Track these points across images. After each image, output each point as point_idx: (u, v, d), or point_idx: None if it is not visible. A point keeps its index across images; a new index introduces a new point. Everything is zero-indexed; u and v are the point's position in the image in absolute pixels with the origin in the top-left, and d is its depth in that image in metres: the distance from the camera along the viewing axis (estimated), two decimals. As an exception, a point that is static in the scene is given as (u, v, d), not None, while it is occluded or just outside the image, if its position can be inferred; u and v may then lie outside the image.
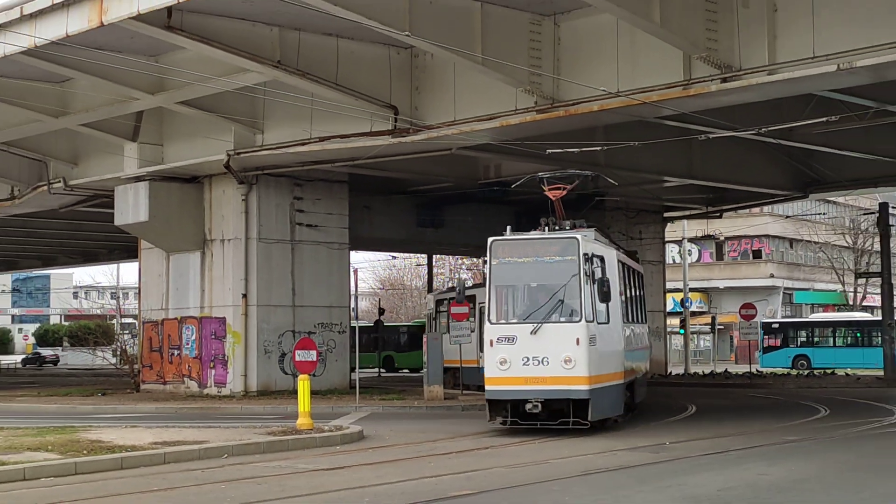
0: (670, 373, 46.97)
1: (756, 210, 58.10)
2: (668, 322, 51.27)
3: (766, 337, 57.35)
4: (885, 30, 17.82)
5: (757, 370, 51.29)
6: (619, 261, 21.31)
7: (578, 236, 18.90)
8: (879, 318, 44.61)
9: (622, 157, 29.64)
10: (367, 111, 24.34)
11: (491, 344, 18.69)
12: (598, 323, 18.74)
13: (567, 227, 20.63)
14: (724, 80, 19.73)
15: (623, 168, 31.69)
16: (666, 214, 45.77)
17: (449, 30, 20.94)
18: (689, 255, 63.57)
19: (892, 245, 45.73)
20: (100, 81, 26.41)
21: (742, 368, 53.89)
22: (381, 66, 24.15)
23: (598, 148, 27.32)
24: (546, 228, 20.62)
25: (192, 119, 28.24)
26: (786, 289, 72.92)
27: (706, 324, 63.60)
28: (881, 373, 41.52)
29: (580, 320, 18.09)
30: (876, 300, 55.29)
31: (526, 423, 18.85)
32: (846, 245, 68.93)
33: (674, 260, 58.03)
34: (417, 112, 24.43)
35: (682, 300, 55.45)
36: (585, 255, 18.38)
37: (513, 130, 23.53)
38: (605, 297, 18.36)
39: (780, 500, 11.92)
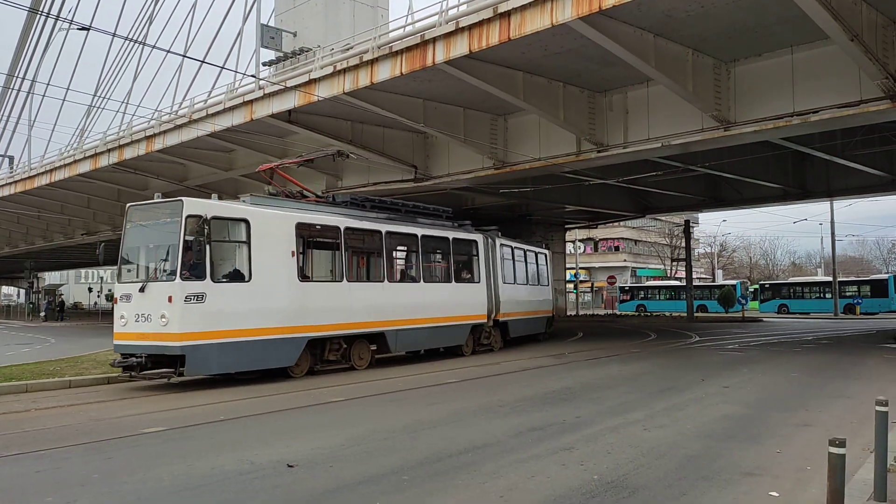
0: (570, 314, 47.02)
1: (616, 223, 58.04)
2: (569, 286, 51.30)
3: (621, 294, 57.48)
4: (687, 124, 17.84)
5: (616, 313, 51.34)
6: (316, 223, 14.07)
7: (185, 200, 12.12)
8: (684, 283, 44.72)
9: (542, 194, 29.56)
10: (399, 168, 24.28)
11: (115, 301, 12.24)
12: (217, 281, 11.69)
13: (268, 192, 14.93)
14: (599, 152, 19.68)
15: (542, 200, 31.61)
16: (566, 226, 45.61)
17: (446, 123, 20.89)
18: (579, 249, 63.61)
19: (691, 243, 45.85)
20: (250, 151, 26.29)
21: (608, 312, 53.99)
22: (407, 143, 24.09)
23: (528, 189, 27.36)
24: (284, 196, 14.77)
25: (302, 172, 27.87)
26: (633, 268, 73.02)
27: (588, 287, 63.66)
28: (685, 314, 41.63)
29: (175, 279, 11.37)
30: (682, 274, 55.33)
31: (137, 374, 11.94)
32: (666, 243, 68.96)
33: (571, 251, 57.87)
34: (428, 169, 24.36)
35: (574, 274, 55.55)
36: (191, 216, 11.59)
37: (481, 179, 23.45)
38: (198, 256, 11.54)
39: (629, 383, 11.98)
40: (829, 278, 48.32)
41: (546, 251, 25.55)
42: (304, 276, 13.45)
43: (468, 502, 5.30)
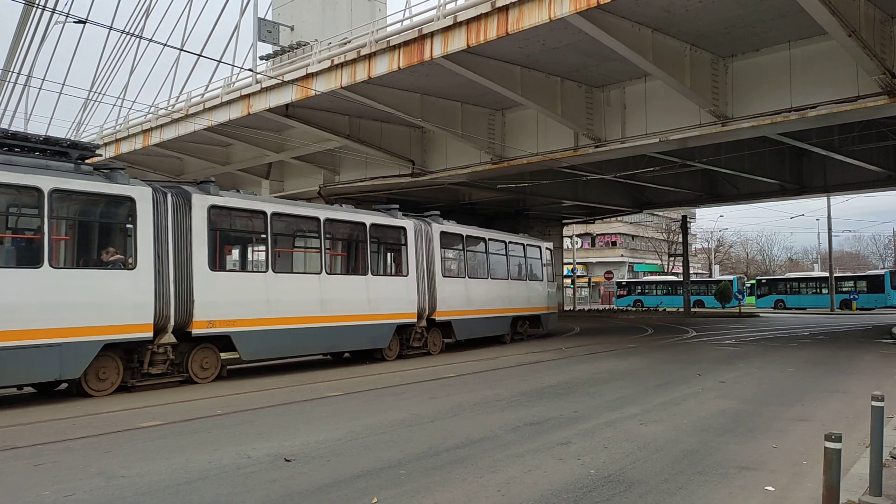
0: (567, 309, 47.01)
1: (614, 218, 58.03)
2: (566, 281, 51.26)
3: (618, 289, 57.55)
4: (685, 119, 17.86)
5: (613, 308, 51.40)
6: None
7: None
8: (681, 279, 44.76)
9: (539, 189, 29.62)
10: (397, 163, 24.30)
11: None
12: None
13: None
14: (597, 147, 19.70)
15: (539, 195, 31.66)
16: (564, 221, 45.69)
17: (443, 117, 20.90)
18: (576, 244, 63.59)
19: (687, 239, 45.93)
20: (247, 146, 26.31)
21: (605, 307, 54.04)
22: (405, 138, 24.10)
23: (525, 184, 27.36)
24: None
25: (299, 167, 28.14)
26: (630, 263, 73.09)
27: (586, 282, 63.71)
28: (682, 308, 41.70)
29: None
30: (679, 269, 55.35)
31: None
32: (663, 238, 68.95)
33: (568, 247, 57.87)
34: (425, 164, 24.38)
35: (572, 269, 55.55)
36: None
37: (478, 175, 23.49)
38: None
39: (626, 378, 12.00)
40: (826, 274, 48.47)
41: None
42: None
43: (465, 496, 5.31)
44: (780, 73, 16.26)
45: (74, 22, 12.53)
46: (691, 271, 46.95)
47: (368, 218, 15.24)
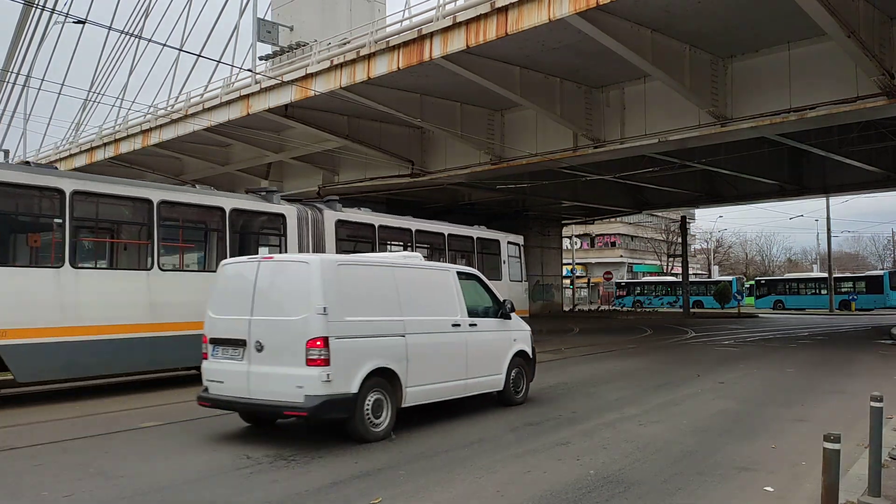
0: (566, 309, 47.00)
1: (613, 219, 58.01)
2: (565, 282, 51.20)
3: (618, 290, 57.57)
4: (684, 120, 17.87)
5: (613, 308, 51.40)
6: None
7: None
8: (680, 279, 44.78)
9: (538, 190, 29.61)
10: (396, 164, 24.28)
11: None
12: None
13: None
14: (596, 147, 19.69)
15: (539, 196, 31.64)
16: (563, 221, 45.60)
17: (442, 118, 20.90)
18: (575, 244, 63.54)
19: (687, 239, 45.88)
20: (247, 146, 26.26)
21: (604, 307, 54.07)
22: (404, 138, 24.07)
23: (525, 184, 27.38)
24: None
25: (298, 167, 28.11)
26: (629, 263, 73.09)
27: (585, 282, 63.71)
28: (681, 310, 41.71)
29: None
30: (678, 269, 55.41)
31: None
32: (662, 239, 68.96)
33: (567, 247, 57.85)
34: (424, 164, 24.37)
35: (571, 269, 55.52)
36: None
37: (478, 175, 23.47)
38: None
39: (625, 378, 12.02)
40: (825, 274, 48.47)
41: None
42: None
43: (464, 497, 5.32)
44: (780, 73, 16.28)
45: (74, 22, 12.56)
46: (690, 272, 46.91)
47: (229, 202, 12.58)
